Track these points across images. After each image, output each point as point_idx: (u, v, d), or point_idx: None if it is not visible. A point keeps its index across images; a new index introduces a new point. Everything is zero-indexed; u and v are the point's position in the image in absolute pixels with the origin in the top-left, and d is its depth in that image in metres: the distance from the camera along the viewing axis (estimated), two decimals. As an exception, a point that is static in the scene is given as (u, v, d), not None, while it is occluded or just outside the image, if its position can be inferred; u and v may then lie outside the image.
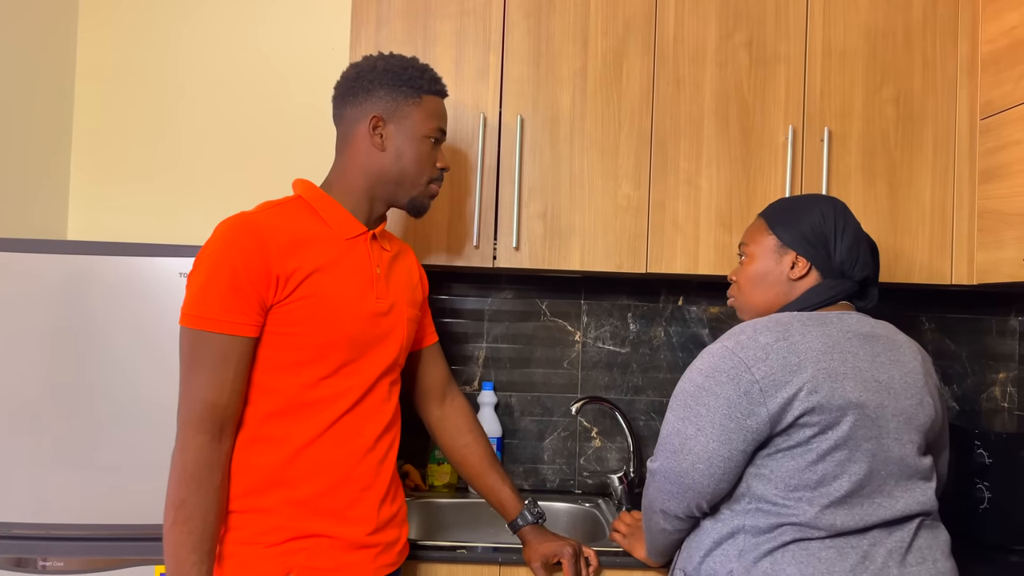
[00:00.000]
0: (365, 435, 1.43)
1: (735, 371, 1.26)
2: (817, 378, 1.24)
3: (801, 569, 1.22)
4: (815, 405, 1.23)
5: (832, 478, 1.24)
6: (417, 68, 1.50)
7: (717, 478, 1.27)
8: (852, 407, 1.24)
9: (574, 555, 1.56)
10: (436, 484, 2.18)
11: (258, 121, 2.22)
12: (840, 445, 1.24)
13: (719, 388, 1.27)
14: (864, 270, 1.40)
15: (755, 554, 1.25)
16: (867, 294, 1.43)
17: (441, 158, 1.53)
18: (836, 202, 1.44)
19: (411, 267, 1.61)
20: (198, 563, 1.27)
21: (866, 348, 1.31)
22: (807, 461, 1.24)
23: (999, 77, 1.85)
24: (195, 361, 1.31)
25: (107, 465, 1.68)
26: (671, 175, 1.92)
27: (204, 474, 1.29)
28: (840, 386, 1.25)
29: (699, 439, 1.27)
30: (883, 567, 1.23)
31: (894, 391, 1.29)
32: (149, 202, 2.20)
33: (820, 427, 1.24)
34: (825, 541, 1.23)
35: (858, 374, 1.27)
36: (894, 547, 1.25)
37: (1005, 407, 2.24)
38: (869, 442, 1.25)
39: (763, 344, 1.27)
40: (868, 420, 1.25)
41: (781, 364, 1.25)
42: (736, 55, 1.93)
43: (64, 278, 1.69)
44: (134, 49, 2.21)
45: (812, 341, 1.27)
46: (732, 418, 1.25)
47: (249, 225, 1.34)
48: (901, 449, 1.28)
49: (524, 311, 2.26)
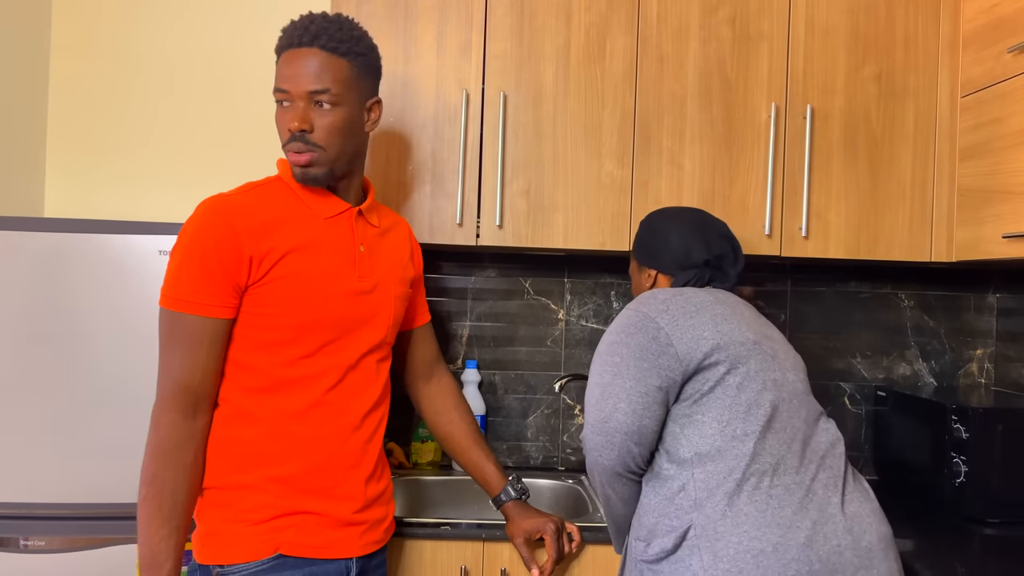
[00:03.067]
0: (351, 413, 1.43)
1: (641, 323, 1.40)
2: (716, 320, 1.39)
3: (757, 507, 1.28)
4: (720, 343, 1.37)
5: (756, 405, 1.34)
6: (288, 26, 1.40)
7: (639, 415, 1.36)
8: (751, 343, 1.39)
9: (556, 531, 1.58)
10: (420, 462, 2.19)
11: (237, 97, 2.19)
12: (752, 376, 1.36)
13: (629, 339, 1.39)
14: (703, 254, 1.54)
15: (712, 502, 1.30)
16: (725, 275, 1.56)
17: (289, 119, 1.36)
18: (664, 210, 1.63)
19: (402, 243, 1.59)
20: (167, 537, 1.29)
21: (745, 306, 1.48)
22: (730, 397, 1.35)
23: (980, 55, 1.85)
24: (169, 341, 1.33)
25: (88, 444, 1.67)
26: (654, 153, 1.92)
27: (175, 451, 1.31)
28: (736, 327, 1.40)
29: (616, 382, 1.38)
30: (824, 499, 1.31)
31: (773, 338, 1.45)
32: (127, 179, 2.18)
33: (730, 362, 1.36)
34: (772, 479, 1.30)
35: (746, 321, 1.43)
36: (829, 480, 1.33)
37: (982, 383, 2.28)
38: (774, 373, 1.38)
39: (662, 299, 1.43)
40: (768, 356, 1.39)
41: (681, 312, 1.40)
42: (719, 32, 1.92)
43: (41, 255, 1.67)
44: (110, 24, 2.18)
45: (704, 296, 1.44)
46: (644, 358, 1.37)
47: (222, 207, 1.34)
48: (803, 385, 1.42)
49: (508, 289, 2.26)
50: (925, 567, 1.52)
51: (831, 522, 1.29)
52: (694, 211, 1.62)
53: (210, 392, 1.35)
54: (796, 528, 1.27)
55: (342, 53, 1.39)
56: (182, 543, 1.31)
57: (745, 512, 1.28)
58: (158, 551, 1.29)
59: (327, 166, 1.39)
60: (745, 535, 1.27)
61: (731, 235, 1.60)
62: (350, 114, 1.40)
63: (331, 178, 1.42)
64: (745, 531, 1.27)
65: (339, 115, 1.38)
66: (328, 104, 1.37)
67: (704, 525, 1.29)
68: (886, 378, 2.28)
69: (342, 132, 1.39)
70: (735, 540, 1.27)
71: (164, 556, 1.30)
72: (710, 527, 1.29)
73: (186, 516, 1.32)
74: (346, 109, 1.39)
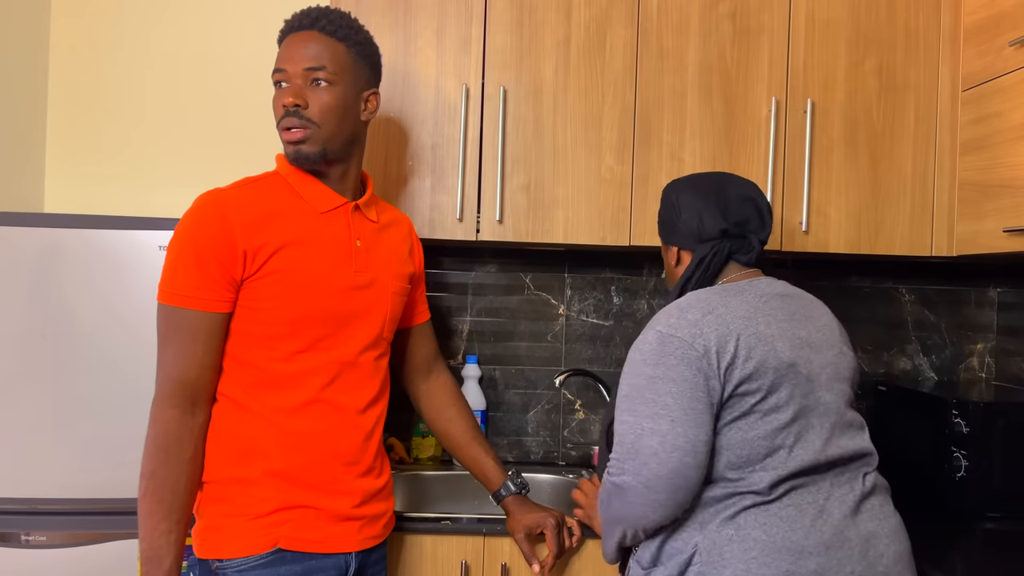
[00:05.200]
0: (349, 409, 1.43)
1: (680, 351, 1.24)
2: (750, 343, 1.24)
3: (766, 530, 1.21)
4: (753, 371, 1.23)
5: (777, 432, 1.24)
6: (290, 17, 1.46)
7: (703, 466, 1.22)
8: (786, 367, 1.25)
9: (557, 526, 1.58)
10: (421, 457, 2.19)
11: (238, 93, 2.19)
12: (782, 406, 1.24)
13: (673, 372, 1.23)
14: (719, 222, 1.39)
15: (716, 523, 1.23)
16: (748, 245, 1.40)
17: (283, 96, 1.38)
18: (681, 178, 1.48)
19: (402, 239, 1.59)
20: (167, 532, 1.30)
21: (783, 308, 1.32)
22: (755, 430, 1.24)
23: (981, 49, 1.85)
24: (167, 336, 1.33)
25: (89, 439, 1.67)
26: (654, 148, 1.91)
27: (174, 447, 1.31)
28: (771, 348, 1.25)
29: (676, 431, 1.20)
30: (840, 519, 1.23)
31: (815, 345, 1.31)
32: (127, 174, 2.18)
33: (762, 392, 1.24)
34: (783, 500, 1.23)
35: (783, 333, 1.28)
36: (845, 496, 1.26)
37: (983, 377, 2.27)
38: (805, 400, 1.26)
39: (693, 321, 1.26)
40: (802, 378, 1.26)
41: (716, 336, 1.24)
42: (720, 26, 1.92)
43: (41, 251, 1.67)
44: (110, 19, 2.17)
45: (736, 309, 1.28)
46: (697, 398, 1.22)
47: (216, 202, 1.35)
48: (836, 400, 1.30)
49: (508, 285, 2.26)
50: (925, 561, 1.52)
51: (846, 547, 1.21)
52: (715, 175, 1.46)
53: (208, 387, 1.36)
54: (808, 555, 1.19)
55: (340, 37, 1.42)
56: (183, 537, 1.32)
57: (754, 536, 1.21)
58: (159, 545, 1.30)
59: (320, 144, 1.39)
60: (754, 562, 1.19)
61: (756, 196, 1.42)
62: (345, 95, 1.41)
63: (323, 159, 1.41)
64: (754, 557, 1.19)
65: (334, 94, 1.40)
66: (324, 82, 1.39)
67: (709, 550, 1.22)
68: (887, 373, 2.28)
69: (336, 112, 1.40)
70: (743, 568, 1.19)
71: (165, 550, 1.30)
72: (716, 552, 1.21)
73: (186, 510, 1.33)
74: (341, 89, 1.40)
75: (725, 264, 1.41)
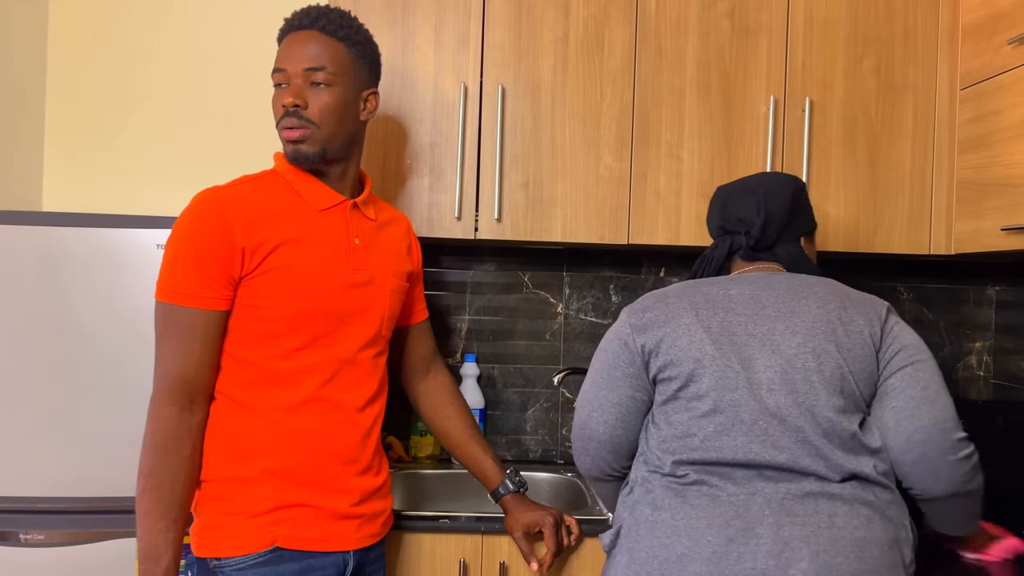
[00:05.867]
0: (347, 407, 1.42)
1: (619, 330, 1.40)
2: (677, 332, 1.33)
3: (673, 514, 1.26)
4: (674, 358, 1.32)
5: (694, 433, 1.28)
6: (290, 15, 1.46)
7: (611, 424, 1.38)
8: (711, 360, 1.28)
9: (555, 524, 1.58)
10: (419, 455, 2.19)
11: (236, 91, 2.19)
12: (703, 396, 1.28)
13: (608, 345, 1.41)
14: (716, 220, 1.49)
15: (642, 505, 1.30)
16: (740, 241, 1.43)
17: (283, 96, 1.38)
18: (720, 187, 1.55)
19: (400, 237, 1.59)
20: (165, 530, 1.30)
21: (750, 303, 1.32)
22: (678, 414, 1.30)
23: (979, 47, 1.85)
24: (165, 334, 1.33)
25: (87, 438, 1.67)
26: (653, 146, 1.91)
27: (172, 445, 1.31)
28: (697, 339, 1.30)
29: (592, 391, 1.40)
30: (757, 518, 1.21)
31: (772, 344, 1.28)
32: (125, 173, 2.17)
33: (681, 380, 1.31)
34: (702, 488, 1.26)
35: (724, 328, 1.31)
36: (773, 499, 1.22)
37: (981, 375, 2.28)
38: (735, 393, 1.26)
39: (643, 306, 1.40)
40: (732, 373, 1.27)
41: (652, 321, 1.36)
42: (718, 25, 1.92)
43: (40, 250, 1.67)
44: (108, 18, 2.17)
45: (682, 302, 1.36)
46: (616, 367, 1.38)
47: (214, 199, 1.35)
48: (780, 400, 1.25)
49: (506, 283, 2.26)
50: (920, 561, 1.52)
51: (753, 542, 1.20)
52: (751, 176, 1.51)
53: (206, 385, 1.35)
54: (706, 541, 1.22)
55: (340, 37, 1.41)
56: (180, 535, 1.32)
57: (662, 519, 1.27)
58: (157, 544, 1.30)
59: (319, 144, 1.40)
60: (657, 541, 1.26)
61: (760, 190, 1.43)
62: (345, 95, 1.41)
63: (323, 159, 1.42)
64: (657, 538, 1.26)
65: (334, 95, 1.40)
66: (324, 83, 1.39)
67: (631, 527, 1.31)
68: (885, 371, 2.28)
69: (336, 112, 1.40)
70: (648, 545, 1.27)
71: (163, 549, 1.30)
72: (635, 529, 1.30)
73: (184, 509, 1.33)
74: (341, 90, 1.41)
75: (730, 258, 1.48)
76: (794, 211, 1.45)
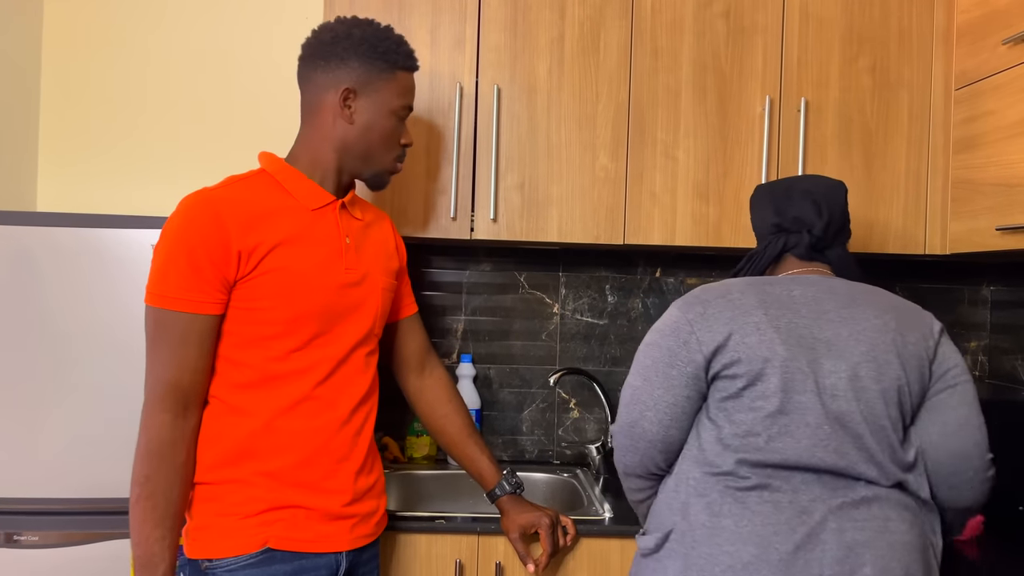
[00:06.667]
0: (340, 407, 1.42)
1: (676, 325, 1.34)
2: (746, 330, 1.28)
3: (736, 520, 1.24)
4: (740, 357, 1.27)
5: (758, 432, 1.25)
6: (393, 40, 1.47)
7: (665, 425, 1.32)
8: (780, 361, 1.26)
9: (551, 525, 1.58)
10: (415, 456, 2.19)
11: (230, 90, 2.18)
12: (769, 396, 1.25)
13: (662, 340, 1.35)
14: (771, 217, 1.46)
15: (696, 509, 1.27)
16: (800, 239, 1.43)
17: (406, 135, 1.52)
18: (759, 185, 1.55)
19: (387, 235, 1.59)
20: (161, 538, 1.29)
21: (812, 305, 1.32)
22: (740, 413, 1.27)
23: (974, 47, 1.85)
24: (157, 339, 1.31)
25: (81, 439, 1.67)
26: (648, 146, 1.91)
27: (167, 451, 1.30)
28: (766, 339, 1.27)
29: (646, 388, 1.34)
30: (820, 523, 1.22)
31: (837, 348, 1.28)
32: (119, 173, 2.17)
33: (747, 379, 1.27)
34: (763, 494, 1.24)
35: (792, 329, 1.29)
36: (836, 507, 1.23)
37: (976, 375, 2.28)
38: (803, 396, 1.26)
39: (703, 300, 1.34)
40: (800, 375, 1.26)
41: (716, 318, 1.31)
42: (714, 25, 1.92)
43: (34, 250, 1.66)
44: (103, 17, 2.16)
45: (749, 299, 1.32)
46: (673, 365, 1.32)
47: (208, 202, 1.33)
48: (843, 406, 1.26)
49: (502, 283, 2.26)
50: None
51: (819, 548, 1.21)
52: (796, 177, 1.51)
53: (200, 390, 1.34)
54: (774, 548, 1.21)
55: None
56: (176, 542, 1.31)
57: (724, 525, 1.24)
58: (153, 552, 1.29)
59: None
60: (717, 548, 1.24)
61: (818, 191, 1.44)
62: None
63: None
64: (717, 544, 1.24)
65: None
66: None
67: (685, 531, 1.28)
68: (881, 371, 2.28)
69: None
70: (707, 551, 1.24)
71: (160, 557, 1.29)
72: (690, 534, 1.27)
73: (179, 515, 1.32)
74: None
75: (780, 258, 1.45)
76: (847, 215, 1.48)
